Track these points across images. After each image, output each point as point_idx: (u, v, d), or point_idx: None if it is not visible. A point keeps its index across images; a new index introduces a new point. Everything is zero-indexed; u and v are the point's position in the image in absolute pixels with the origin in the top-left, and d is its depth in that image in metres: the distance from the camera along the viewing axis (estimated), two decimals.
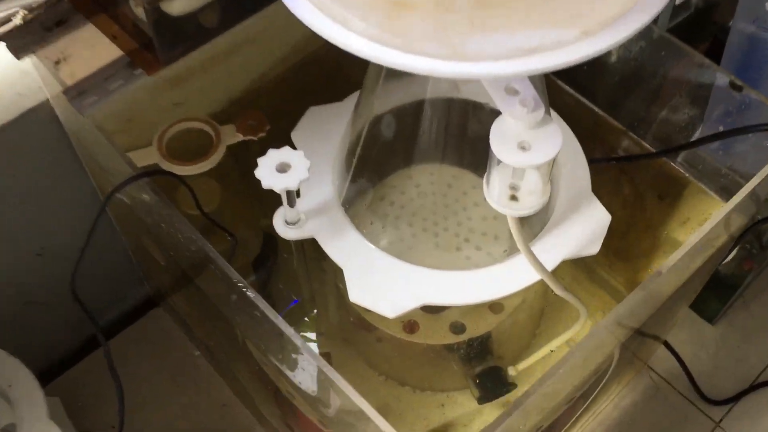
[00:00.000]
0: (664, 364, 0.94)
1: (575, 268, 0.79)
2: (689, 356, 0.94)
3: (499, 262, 0.60)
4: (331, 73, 0.80)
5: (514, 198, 0.49)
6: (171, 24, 0.54)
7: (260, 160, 0.56)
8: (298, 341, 0.47)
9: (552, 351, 0.71)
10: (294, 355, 0.50)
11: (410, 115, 0.68)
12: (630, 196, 0.65)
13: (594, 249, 0.60)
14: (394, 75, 0.64)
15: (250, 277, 0.76)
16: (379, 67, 0.58)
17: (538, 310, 0.75)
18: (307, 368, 0.49)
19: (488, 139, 0.46)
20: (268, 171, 0.56)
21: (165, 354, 0.93)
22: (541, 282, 0.58)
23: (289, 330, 0.48)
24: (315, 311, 0.79)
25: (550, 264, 0.59)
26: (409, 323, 0.68)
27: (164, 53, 0.55)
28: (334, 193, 0.63)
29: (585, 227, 0.61)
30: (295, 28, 0.79)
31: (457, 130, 0.69)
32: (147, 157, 0.68)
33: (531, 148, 0.45)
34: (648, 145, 0.69)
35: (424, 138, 0.67)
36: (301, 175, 0.55)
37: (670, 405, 0.92)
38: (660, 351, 0.93)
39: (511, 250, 0.62)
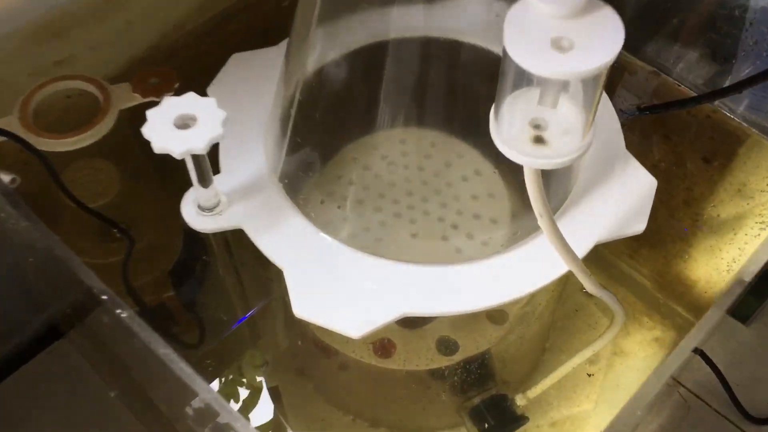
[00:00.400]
0: (694, 375, 0.77)
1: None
2: (722, 365, 0.77)
3: (500, 252, 0.43)
4: (266, 24, 0.62)
5: (539, 140, 0.31)
6: None
7: (150, 112, 0.38)
8: (193, 380, 0.29)
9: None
10: (200, 404, 0.31)
11: (369, 62, 0.50)
12: (665, 159, 0.48)
13: (639, 226, 0.43)
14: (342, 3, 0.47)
15: (166, 292, 0.57)
16: None
17: (550, 316, 0.57)
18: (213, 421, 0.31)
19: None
20: (163, 127, 0.37)
21: (71, 395, 0.73)
22: (558, 278, 0.41)
23: (181, 367, 0.29)
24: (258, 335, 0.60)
25: (581, 249, 0.41)
26: (381, 343, 0.50)
27: None
28: (267, 165, 0.45)
29: (624, 197, 0.43)
30: None
31: (435, 80, 0.51)
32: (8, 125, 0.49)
33: (574, 47, 0.27)
34: (688, 89, 0.52)
35: (390, 93, 0.49)
36: (212, 131, 0.37)
37: (705, 426, 0.75)
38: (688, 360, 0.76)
39: (514, 238, 0.45)
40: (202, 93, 0.46)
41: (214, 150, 0.48)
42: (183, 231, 0.59)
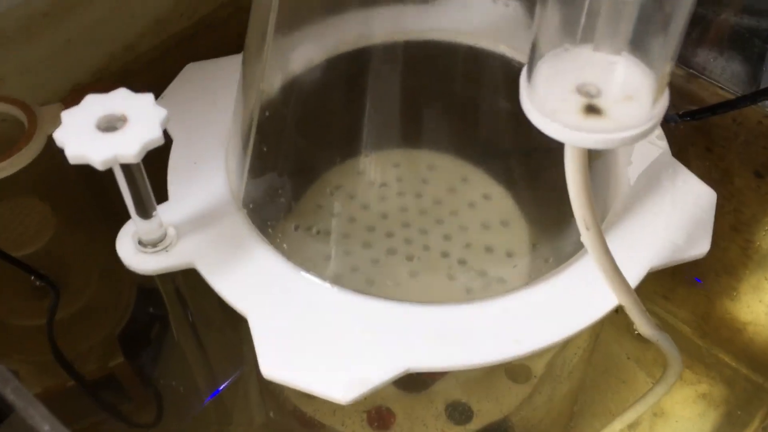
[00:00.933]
0: None
1: None
2: None
3: (522, 289, 0.33)
4: (233, 46, 0.54)
5: (592, 110, 0.22)
6: None
7: (66, 113, 0.29)
8: None
9: None
10: None
11: (350, 71, 0.42)
12: (706, 175, 0.39)
13: (702, 247, 0.33)
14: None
15: (115, 360, 0.47)
16: None
17: (584, 371, 0.48)
18: None
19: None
20: (81, 130, 0.28)
21: None
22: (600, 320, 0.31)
23: None
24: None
25: (632, 277, 0.32)
26: (377, 412, 0.40)
27: None
28: (228, 190, 0.35)
29: (678, 212, 0.34)
30: None
31: (432, 92, 0.43)
32: None
33: None
34: (728, 92, 0.44)
35: (377, 108, 0.41)
36: (148, 133, 0.28)
37: None
38: None
39: (536, 272, 0.36)
40: None
41: (161, 175, 0.39)
42: (135, 288, 0.50)
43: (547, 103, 0.22)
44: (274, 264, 0.33)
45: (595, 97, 0.22)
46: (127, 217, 0.32)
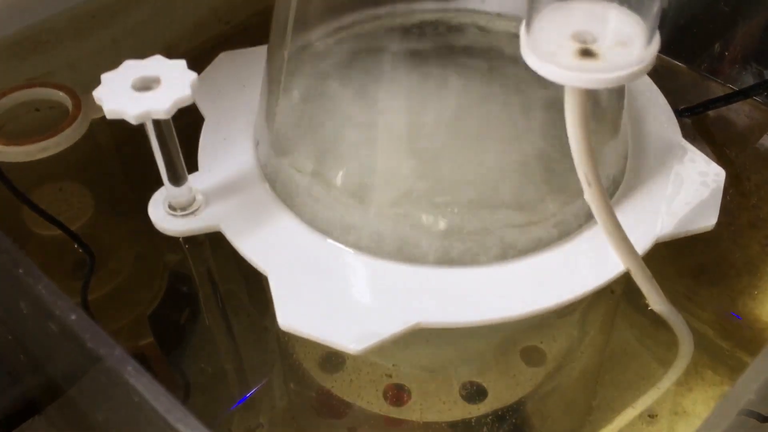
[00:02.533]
0: None
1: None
2: None
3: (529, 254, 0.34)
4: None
5: (587, 53, 0.24)
6: None
7: (106, 75, 0.31)
8: None
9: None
10: None
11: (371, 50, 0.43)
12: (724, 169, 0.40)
13: (709, 220, 0.34)
14: None
15: (144, 339, 0.49)
16: None
17: (597, 358, 0.48)
18: None
19: None
20: (118, 90, 0.30)
21: None
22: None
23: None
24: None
25: (639, 245, 0.33)
26: (393, 390, 0.41)
27: None
28: (254, 162, 0.38)
29: (686, 188, 0.35)
30: None
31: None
32: None
33: None
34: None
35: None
36: (179, 92, 0.30)
37: None
38: None
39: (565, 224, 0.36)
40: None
41: (192, 148, 0.41)
42: (167, 274, 0.52)
43: (545, 48, 0.24)
44: (295, 228, 0.34)
45: (590, 43, 0.24)
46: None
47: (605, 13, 0.24)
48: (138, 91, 0.30)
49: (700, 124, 0.46)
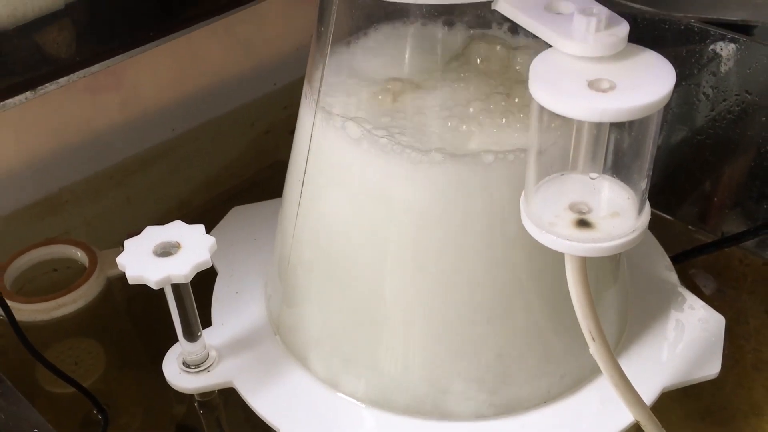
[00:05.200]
0: None
1: None
2: None
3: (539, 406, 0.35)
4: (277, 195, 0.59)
5: (584, 224, 0.25)
6: None
7: (129, 241, 0.33)
8: None
9: None
10: None
11: None
12: (723, 314, 0.41)
13: (713, 369, 0.35)
14: None
15: None
16: None
17: None
18: None
19: None
20: (140, 256, 0.32)
21: None
22: None
23: None
24: None
25: (646, 396, 0.33)
26: None
27: None
28: (265, 315, 0.39)
29: (689, 336, 0.36)
30: (227, 144, 0.59)
31: None
32: None
33: (617, 88, 0.23)
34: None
35: None
36: (198, 257, 0.32)
37: None
38: None
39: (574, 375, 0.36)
40: None
41: (205, 304, 0.42)
42: (175, 421, 0.51)
43: (544, 219, 0.25)
44: (306, 383, 0.35)
45: (586, 213, 0.26)
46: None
47: (599, 185, 0.26)
48: (159, 256, 0.32)
49: (694, 270, 0.48)
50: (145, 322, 0.51)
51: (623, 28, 0.24)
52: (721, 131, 0.46)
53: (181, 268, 0.31)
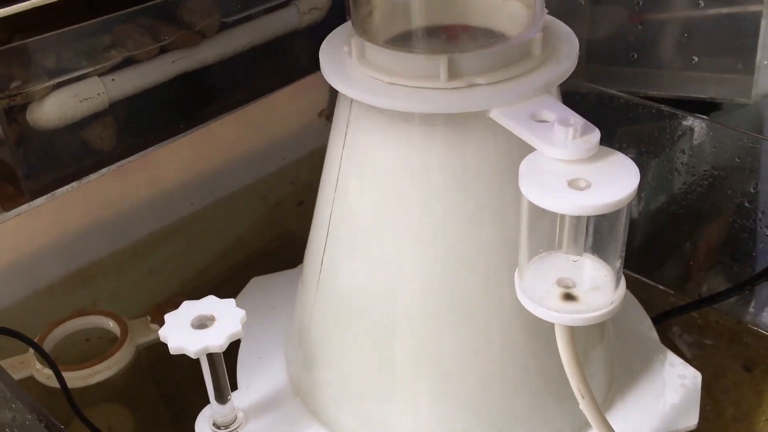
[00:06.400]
0: None
1: None
2: None
3: None
4: (286, 268, 0.63)
5: (569, 297, 0.30)
6: (41, 139, 0.38)
7: (169, 315, 0.37)
8: None
9: None
10: None
11: None
12: (703, 371, 0.45)
13: (691, 421, 0.39)
14: None
15: None
16: None
17: None
18: None
19: None
20: (180, 328, 0.36)
21: None
22: None
23: None
24: None
25: None
26: None
27: (32, 181, 0.38)
28: (286, 379, 0.43)
29: (668, 391, 0.40)
30: (240, 217, 0.63)
31: None
32: (23, 366, 0.48)
33: (592, 186, 0.27)
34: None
35: None
36: (231, 329, 0.36)
37: None
38: None
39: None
40: None
41: (232, 367, 0.46)
42: None
43: (536, 293, 0.30)
44: None
45: (571, 287, 0.30)
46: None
47: (581, 263, 0.31)
48: (196, 328, 0.36)
49: (676, 329, 0.52)
50: (168, 386, 0.54)
51: (595, 135, 0.28)
52: (693, 202, 0.51)
53: (217, 339, 0.35)
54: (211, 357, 0.37)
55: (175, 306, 0.50)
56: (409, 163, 0.33)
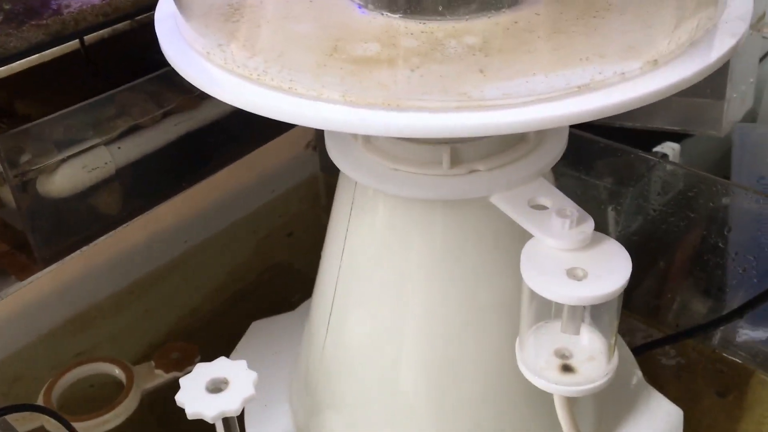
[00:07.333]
0: None
1: None
2: None
3: None
4: (278, 300, 0.65)
5: (567, 368, 0.32)
6: (52, 209, 0.39)
7: (184, 380, 0.39)
8: None
9: None
10: None
11: None
12: (680, 397, 0.48)
13: None
14: None
15: None
16: None
17: None
18: None
19: None
20: (196, 393, 0.38)
21: None
22: None
23: None
24: None
25: None
26: None
27: (44, 249, 0.39)
28: (292, 425, 0.45)
29: (651, 425, 0.43)
30: (232, 251, 0.65)
31: None
32: (34, 416, 0.49)
33: (588, 276, 0.30)
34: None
35: None
36: (245, 392, 0.38)
37: None
38: None
39: None
40: None
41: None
42: None
43: (536, 364, 0.32)
44: None
45: (568, 358, 0.33)
46: None
47: (581, 321, 0.33)
48: (211, 392, 0.38)
49: (652, 364, 0.55)
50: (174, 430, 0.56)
51: (589, 225, 0.31)
52: (669, 241, 0.54)
53: (232, 403, 0.37)
54: (226, 420, 0.39)
55: (175, 350, 0.52)
56: (411, 241, 0.36)
